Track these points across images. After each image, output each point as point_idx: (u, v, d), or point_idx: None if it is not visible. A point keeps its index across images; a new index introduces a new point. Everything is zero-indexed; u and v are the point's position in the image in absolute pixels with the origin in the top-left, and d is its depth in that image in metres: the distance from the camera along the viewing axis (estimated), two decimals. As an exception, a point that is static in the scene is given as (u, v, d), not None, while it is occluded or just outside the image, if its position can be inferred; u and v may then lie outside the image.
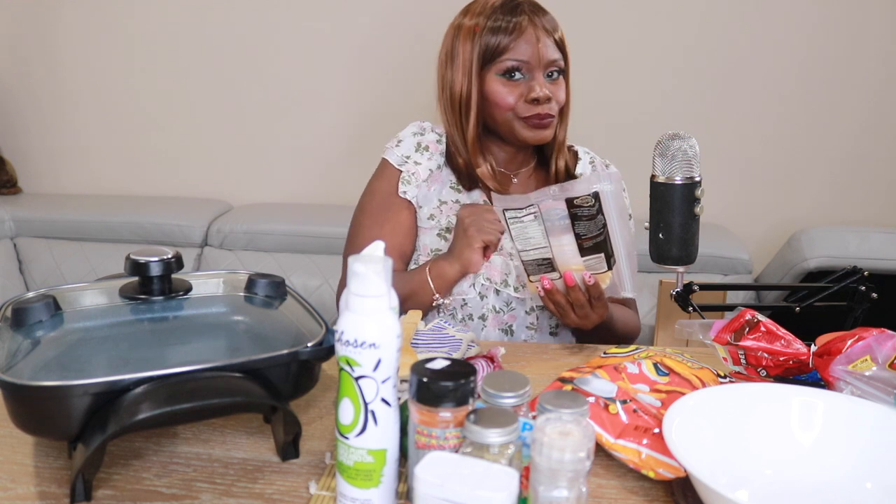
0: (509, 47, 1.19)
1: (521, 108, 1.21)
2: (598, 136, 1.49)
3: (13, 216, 2.27)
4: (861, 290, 1.06)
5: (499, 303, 1.26)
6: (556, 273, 1.09)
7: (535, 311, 1.27)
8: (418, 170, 1.30)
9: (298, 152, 2.38)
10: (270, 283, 0.92)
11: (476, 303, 1.24)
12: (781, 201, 2.27)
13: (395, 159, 1.31)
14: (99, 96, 2.42)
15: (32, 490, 0.72)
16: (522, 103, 1.21)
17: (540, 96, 1.19)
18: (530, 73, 1.21)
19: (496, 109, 1.23)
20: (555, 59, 1.22)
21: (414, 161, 1.30)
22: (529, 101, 1.20)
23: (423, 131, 1.33)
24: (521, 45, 1.19)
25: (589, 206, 1.01)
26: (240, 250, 2.20)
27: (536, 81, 1.20)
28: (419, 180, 1.30)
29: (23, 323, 0.80)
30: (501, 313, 1.26)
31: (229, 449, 0.80)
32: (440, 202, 1.30)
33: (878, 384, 0.81)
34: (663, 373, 0.89)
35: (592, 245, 1.04)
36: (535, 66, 1.20)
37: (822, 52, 2.16)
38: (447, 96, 1.27)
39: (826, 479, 0.74)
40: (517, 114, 1.22)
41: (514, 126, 1.23)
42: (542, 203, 1.04)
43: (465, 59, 1.22)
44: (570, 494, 0.60)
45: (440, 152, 1.32)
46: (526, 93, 1.20)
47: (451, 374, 0.65)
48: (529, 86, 1.20)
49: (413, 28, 2.21)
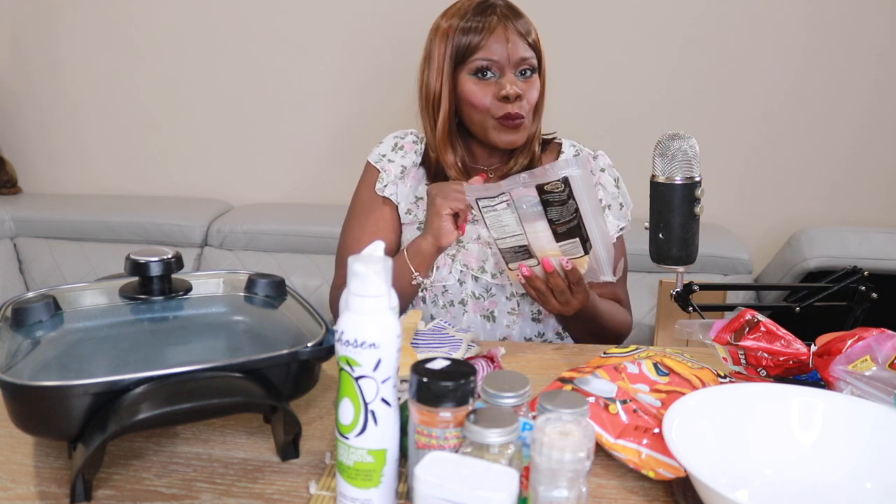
0: (479, 46, 1.21)
1: (493, 107, 1.22)
2: (597, 136, 1.49)
3: (13, 216, 2.27)
4: (861, 290, 1.06)
5: (478, 289, 1.28)
6: (533, 259, 1.11)
7: (515, 296, 1.28)
8: (391, 167, 1.34)
9: (299, 152, 2.38)
10: (270, 283, 0.92)
11: (455, 289, 1.27)
12: (781, 201, 2.27)
13: (373, 159, 1.36)
14: (99, 96, 2.42)
15: (32, 490, 0.72)
16: (494, 102, 1.22)
17: (510, 93, 1.20)
18: (500, 71, 1.22)
19: (472, 110, 1.24)
20: (525, 56, 1.22)
21: (388, 159, 1.35)
22: (500, 99, 1.21)
23: (403, 135, 1.39)
24: (492, 45, 1.20)
25: (559, 192, 1.02)
26: (240, 250, 2.20)
27: (507, 79, 1.21)
28: (393, 176, 1.33)
29: (23, 323, 0.80)
30: (482, 299, 1.28)
31: (229, 449, 0.80)
32: (416, 198, 1.34)
33: (878, 384, 0.81)
34: (663, 373, 0.89)
35: (566, 230, 1.06)
36: (506, 64, 1.21)
37: (821, 52, 2.16)
38: (423, 95, 1.30)
39: (826, 479, 0.74)
40: (492, 114, 1.23)
41: (487, 129, 1.24)
42: (513, 191, 1.05)
43: (439, 59, 1.25)
44: (570, 494, 0.60)
45: (416, 151, 1.36)
46: (497, 91, 1.21)
47: (451, 374, 0.65)
48: (500, 83, 1.21)
49: (416, 27, 2.21)
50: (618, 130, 2.16)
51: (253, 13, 2.30)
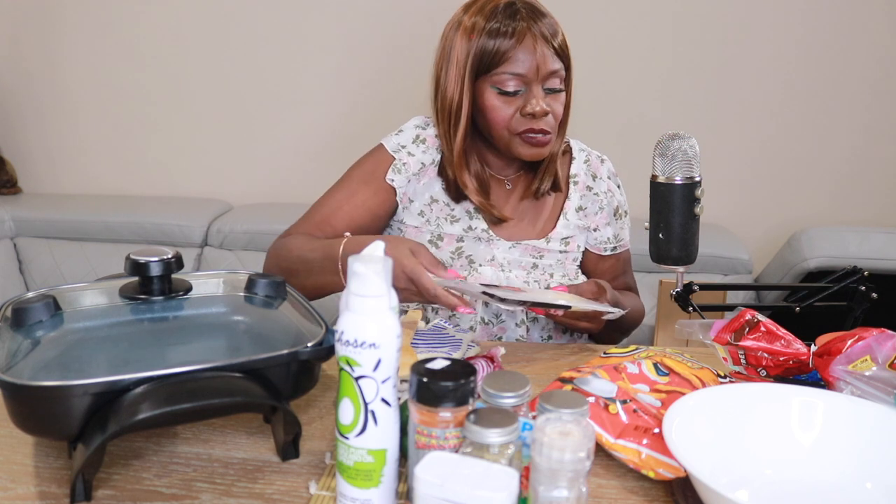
0: (506, 57, 1.14)
1: (516, 122, 1.17)
2: (597, 136, 1.49)
3: (13, 216, 2.27)
4: (861, 290, 1.06)
5: (487, 315, 1.25)
6: None
7: (525, 323, 1.25)
8: (410, 161, 1.26)
9: (299, 153, 2.38)
10: (270, 283, 0.92)
11: None
12: (781, 201, 2.27)
13: (391, 146, 1.28)
14: (99, 96, 2.42)
15: (32, 490, 0.72)
16: (518, 117, 1.17)
17: (536, 111, 1.15)
18: (527, 86, 1.16)
19: (492, 125, 1.19)
20: (554, 69, 1.16)
21: (408, 151, 1.26)
22: (525, 115, 1.16)
23: (425, 125, 1.29)
24: (519, 56, 1.14)
25: None
26: (240, 250, 2.20)
27: (534, 95, 1.16)
28: (409, 172, 1.26)
29: (23, 323, 0.80)
30: (491, 325, 1.25)
31: (229, 449, 0.80)
32: (432, 199, 1.27)
33: (878, 384, 0.81)
34: (663, 373, 0.89)
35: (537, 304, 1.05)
36: (533, 79, 1.15)
37: (821, 53, 2.16)
38: (440, 99, 1.23)
39: (826, 479, 0.74)
40: (512, 130, 1.18)
41: (510, 143, 1.19)
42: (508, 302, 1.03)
43: (458, 62, 1.18)
44: (570, 494, 0.60)
45: (436, 147, 1.27)
46: (522, 106, 1.16)
47: (451, 374, 0.65)
48: (526, 99, 1.16)
49: (415, 26, 2.21)
50: (617, 130, 2.16)
51: (253, 13, 2.30)
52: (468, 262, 1.25)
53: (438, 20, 1.29)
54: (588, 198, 1.32)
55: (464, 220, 1.26)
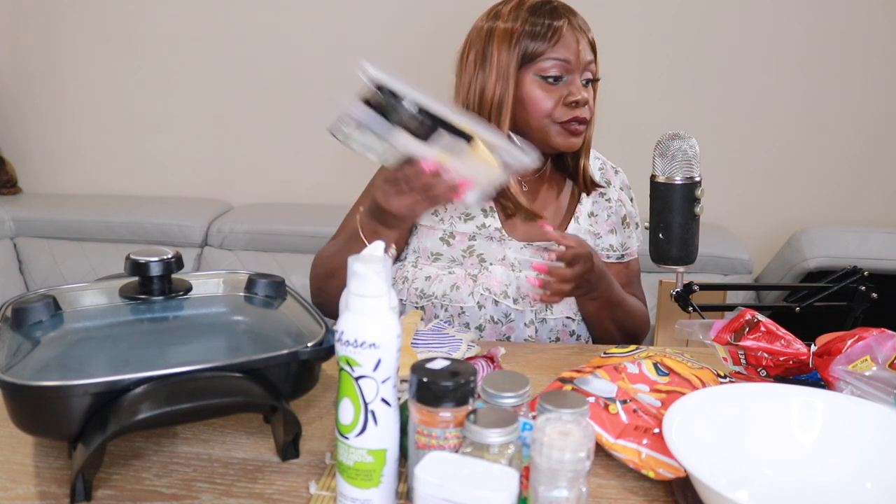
0: (553, 41, 1.17)
1: (558, 112, 1.19)
2: (598, 136, 1.49)
3: (13, 216, 2.27)
4: (861, 290, 1.06)
5: (497, 314, 1.24)
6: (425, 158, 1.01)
7: (534, 323, 1.25)
8: None
9: (298, 152, 2.38)
10: (270, 283, 0.92)
11: (474, 312, 1.23)
12: (781, 201, 2.27)
13: None
14: (99, 96, 2.42)
15: (32, 490, 0.72)
16: (561, 107, 1.19)
17: (580, 99, 1.17)
18: (570, 75, 1.19)
19: (531, 115, 1.20)
20: (591, 59, 1.20)
21: None
22: (568, 104, 1.18)
23: None
24: (562, 48, 1.17)
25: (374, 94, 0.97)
26: (240, 250, 2.20)
27: (576, 85, 1.18)
28: None
29: (23, 323, 0.80)
30: (499, 325, 1.25)
31: (229, 449, 0.80)
32: None
33: (878, 384, 0.81)
34: (663, 373, 0.89)
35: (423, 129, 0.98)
36: (576, 68, 1.18)
37: (821, 53, 2.16)
38: (475, 100, 1.22)
39: (826, 479, 0.74)
40: (554, 119, 1.19)
41: (549, 132, 1.20)
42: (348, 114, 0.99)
43: (500, 64, 1.19)
44: (570, 494, 0.60)
45: None
46: (565, 95, 1.18)
47: (451, 374, 0.65)
48: (569, 89, 1.19)
49: (416, 27, 2.21)
50: (617, 130, 2.16)
51: (252, 13, 2.31)
52: (479, 261, 1.25)
53: (441, 19, 1.29)
54: (600, 204, 1.33)
55: (478, 217, 1.27)
